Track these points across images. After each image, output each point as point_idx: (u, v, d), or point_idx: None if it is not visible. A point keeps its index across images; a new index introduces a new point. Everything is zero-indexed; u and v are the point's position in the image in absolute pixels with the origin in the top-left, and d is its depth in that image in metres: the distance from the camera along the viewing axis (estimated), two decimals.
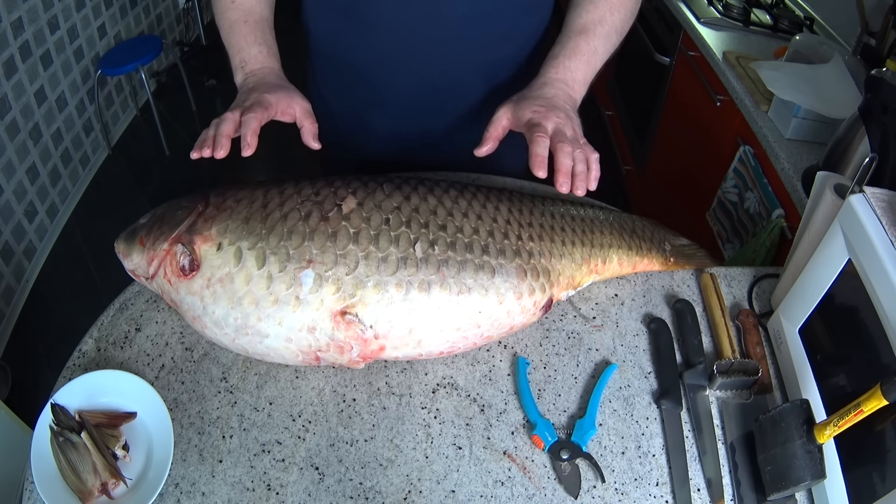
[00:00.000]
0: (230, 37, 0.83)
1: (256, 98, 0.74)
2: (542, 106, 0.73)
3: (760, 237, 1.34)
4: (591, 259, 0.80)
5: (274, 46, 0.84)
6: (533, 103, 0.74)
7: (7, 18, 2.00)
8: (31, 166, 2.20)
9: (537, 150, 0.67)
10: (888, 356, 0.59)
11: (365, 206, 0.72)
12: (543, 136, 0.68)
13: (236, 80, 0.81)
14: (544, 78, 0.79)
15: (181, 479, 0.64)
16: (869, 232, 0.63)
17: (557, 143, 0.68)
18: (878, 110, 1.03)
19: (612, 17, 0.83)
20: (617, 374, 0.76)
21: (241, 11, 0.84)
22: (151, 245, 0.72)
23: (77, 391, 0.67)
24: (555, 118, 0.72)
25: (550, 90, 0.77)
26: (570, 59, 0.80)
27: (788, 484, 0.62)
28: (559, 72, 0.79)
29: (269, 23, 0.86)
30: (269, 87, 0.77)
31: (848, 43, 1.79)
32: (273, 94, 0.75)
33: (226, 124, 0.69)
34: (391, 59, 0.91)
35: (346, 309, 0.66)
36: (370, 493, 0.65)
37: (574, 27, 0.83)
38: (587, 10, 0.84)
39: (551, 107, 0.73)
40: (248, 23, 0.83)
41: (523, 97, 0.76)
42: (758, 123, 1.45)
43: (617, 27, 0.84)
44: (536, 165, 0.67)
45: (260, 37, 0.83)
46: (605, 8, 0.83)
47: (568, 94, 0.78)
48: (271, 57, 0.82)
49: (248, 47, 0.82)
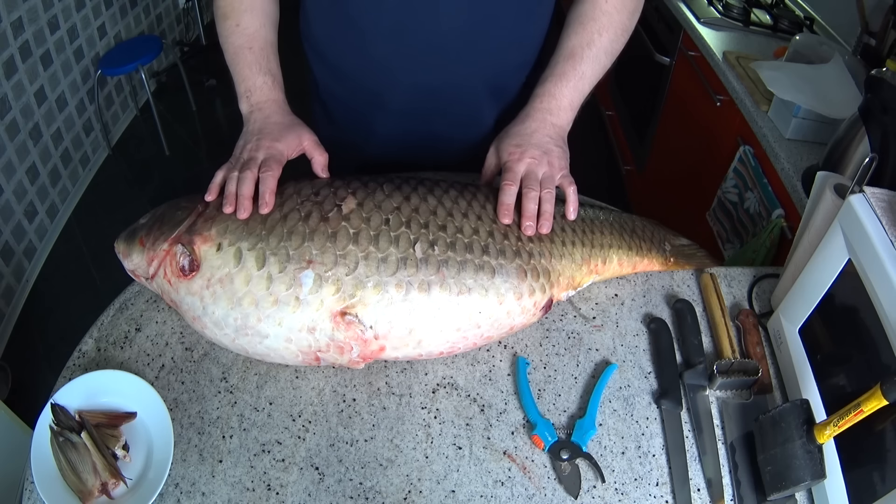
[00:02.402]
0: (235, 63, 0.85)
1: (269, 151, 0.76)
2: (517, 146, 0.79)
3: (760, 237, 1.34)
4: (591, 259, 0.80)
5: (279, 75, 0.86)
6: (510, 144, 0.80)
7: (7, 18, 2.00)
8: (31, 166, 2.20)
9: (502, 199, 0.74)
10: (888, 356, 0.59)
11: (365, 207, 0.72)
12: (510, 185, 0.75)
13: (241, 107, 0.84)
14: (528, 109, 0.84)
15: (181, 479, 0.64)
16: (869, 232, 0.63)
17: (524, 189, 0.75)
18: (878, 110, 1.03)
19: (601, 38, 0.85)
20: (617, 374, 0.76)
21: (247, 37, 0.85)
22: (151, 245, 0.72)
23: (77, 391, 0.67)
24: (528, 159, 0.77)
25: (532, 124, 0.81)
26: (555, 87, 0.83)
27: (788, 484, 0.62)
28: (543, 101, 0.83)
29: (273, 47, 0.88)
30: (278, 132, 0.79)
31: (848, 43, 1.79)
32: (282, 140, 0.78)
33: (247, 185, 0.72)
34: (390, 67, 0.91)
35: (346, 309, 0.66)
36: (370, 493, 0.65)
37: (563, 51, 0.85)
38: (576, 33, 0.85)
39: (528, 145, 0.78)
40: (253, 49, 0.85)
41: (505, 134, 0.82)
42: (758, 123, 1.45)
43: (606, 48, 0.85)
44: (501, 213, 0.74)
45: (265, 65, 0.84)
46: (592, 29, 0.85)
47: (551, 125, 0.82)
48: (276, 88, 0.84)
49: (252, 77, 0.83)
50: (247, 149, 0.77)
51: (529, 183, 0.75)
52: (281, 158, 0.76)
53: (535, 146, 0.78)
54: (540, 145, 0.79)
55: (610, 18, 0.85)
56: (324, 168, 0.81)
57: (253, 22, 0.86)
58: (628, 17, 0.87)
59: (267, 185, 0.72)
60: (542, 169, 0.77)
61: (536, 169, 0.76)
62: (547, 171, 0.77)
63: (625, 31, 0.87)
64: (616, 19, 0.85)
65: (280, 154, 0.77)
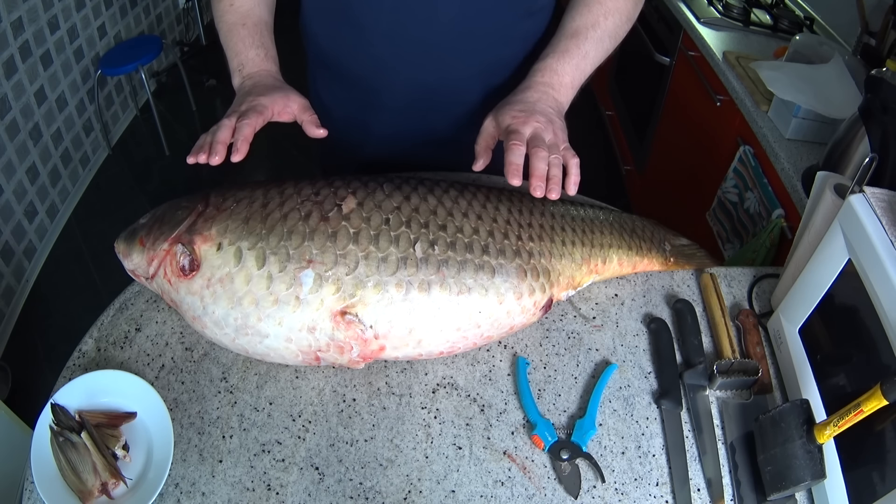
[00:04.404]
0: (228, 40, 0.84)
1: (251, 103, 0.74)
2: (521, 111, 0.74)
3: (760, 237, 1.34)
4: (591, 259, 0.80)
5: (272, 49, 0.85)
6: (513, 109, 0.75)
7: (7, 18, 2.00)
8: (31, 166, 2.20)
9: (511, 158, 0.68)
10: (888, 356, 0.59)
11: (365, 206, 0.72)
12: (518, 144, 0.69)
13: (234, 83, 0.82)
14: (529, 82, 0.79)
15: (181, 479, 0.64)
16: (869, 232, 0.63)
17: (532, 149, 0.69)
18: (878, 110, 1.03)
19: (606, 21, 0.84)
20: (617, 374, 0.76)
21: (240, 14, 0.84)
22: (151, 245, 0.72)
23: (77, 391, 0.67)
24: (534, 123, 0.72)
25: (534, 94, 0.77)
26: (558, 62, 0.80)
27: (788, 484, 0.62)
28: (545, 75, 0.79)
29: (268, 26, 0.86)
30: (264, 90, 0.77)
31: (848, 43, 1.79)
32: (269, 96, 0.76)
33: (222, 131, 0.70)
34: (388, 64, 0.91)
35: (346, 309, 0.66)
36: (370, 493, 0.65)
37: (566, 30, 0.83)
38: (581, 14, 0.84)
39: (531, 111, 0.74)
40: (247, 26, 0.84)
41: (505, 103, 0.77)
42: (758, 123, 1.45)
43: (611, 31, 0.84)
44: (510, 173, 0.67)
45: (258, 39, 0.83)
46: (598, 12, 0.84)
47: (553, 98, 0.78)
48: (269, 60, 0.83)
49: (245, 50, 0.82)
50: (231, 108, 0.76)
51: (537, 143, 0.70)
52: (263, 111, 0.73)
53: (539, 112, 0.74)
54: (544, 113, 0.74)
55: (616, 3, 0.84)
56: (317, 125, 0.78)
57: (247, 0, 0.85)
58: (633, 5, 0.86)
59: (242, 132, 0.69)
60: (549, 135, 0.72)
61: (543, 133, 0.72)
62: (552, 138, 0.72)
63: (629, 18, 0.86)
64: (622, 4, 0.85)
65: (262, 106, 0.74)
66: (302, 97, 0.79)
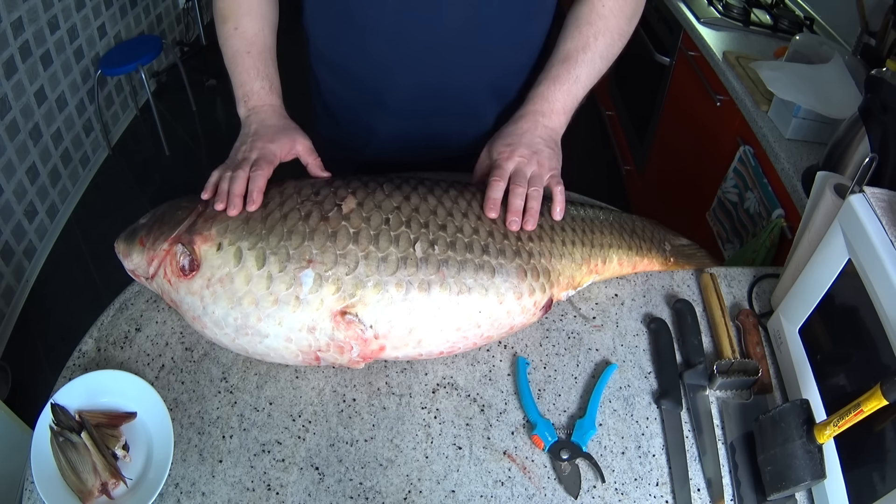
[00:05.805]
0: (234, 67, 0.86)
1: (261, 151, 0.78)
2: (507, 146, 0.80)
3: (760, 237, 1.34)
4: (591, 259, 0.80)
5: (276, 80, 0.87)
6: (501, 144, 0.81)
7: (7, 18, 2.00)
8: (31, 166, 2.20)
9: (489, 193, 0.75)
10: (888, 356, 0.59)
11: (365, 206, 0.72)
12: (497, 180, 0.76)
13: (239, 112, 0.85)
14: (522, 110, 0.84)
15: (181, 479, 0.64)
16: (869, 232, 0.63)
17: (511, 185, 0.76)
18: (878, 110, 1.03)
19: (597, 42, 0.85)
20: (617, 374, 0.76)
21: (245, 41, 0.86)
22: (151, 245, 0.72)
23: (77, 391, 0.67)
24: (517, 158, 0.78)
25: (525, 124, 0.82)
26: (548, 89, 0.84)
27: (788, 484, 0.62)
28: (536, 103, 0.84)
29: (271, 52, 0.89)
30: (271, 134, 0.80)
31: (848, 43, 1.79)
32: (276, 142, 0.79)
33: (238, 183, 0.73)
34: (390, 66, 0.91)
35: (346, 309, 0.66)
36: (370, 493, 0.65)
37: (558, 55, 0.86)
38: (572, 37, 0.86)
39: (517, 145, 0.79)
40: (251, 54, 0.86)
41: (498, 135, 0.83)
42: (758, 123, 1.45)
43: (602, 52, 0.86)
44: (487, 208, 0.75)
45: (262, 70, 0.86)
46: (588, 33, 0.85)
47: (543, 126, 0.82)
48: (273, 93, 0.86)
49: (250, 81, 0.85)
50: (241, 150, 0.79)
51: (517, 180, 0.76)
52: (272, 159, 0.78)
53: (525, 146, 0.79)
54: (530, 145, 0.80)
55: (606, 23, 0.85)
56: (321, 168, 0.82)
57: (252, 25, 0.86)
58: (626, 21, 0.87)
59: (256, 183, 0.73)
60: (531, 168, 0.78)
61: (525, 168, 0.77)
62: (536, 170, 0.78)
63: (622, 35, 0.87)
64: (613, 24, 0.85)
65: (272, 154, 0.78)
66: (306, 138, 0.83)
